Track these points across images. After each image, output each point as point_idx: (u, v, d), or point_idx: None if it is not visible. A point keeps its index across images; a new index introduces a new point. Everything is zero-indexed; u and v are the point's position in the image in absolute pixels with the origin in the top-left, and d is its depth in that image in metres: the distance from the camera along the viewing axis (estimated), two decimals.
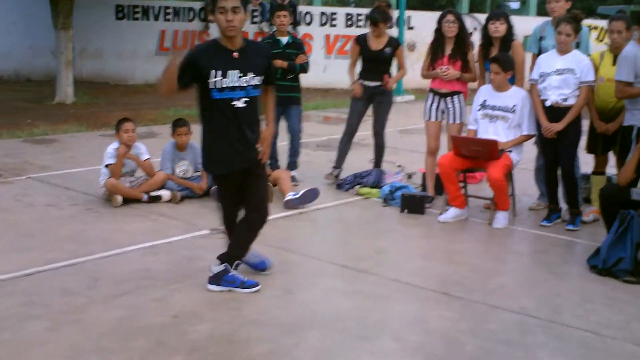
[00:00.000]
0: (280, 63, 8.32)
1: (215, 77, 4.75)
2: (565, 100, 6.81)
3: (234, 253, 5.15)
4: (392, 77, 8.37)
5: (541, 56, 7.14)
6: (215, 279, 5.09)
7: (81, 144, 10.87)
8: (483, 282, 5.56)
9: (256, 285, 5.13)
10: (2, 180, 8.29)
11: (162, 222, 6.85)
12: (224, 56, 4.80)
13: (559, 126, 6.80)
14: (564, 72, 6.79)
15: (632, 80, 6.40)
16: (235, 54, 4.83)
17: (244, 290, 5.07)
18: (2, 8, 19.90)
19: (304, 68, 8.50)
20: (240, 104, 4.84)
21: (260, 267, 5.49)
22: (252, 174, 5.05)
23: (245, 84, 4.84)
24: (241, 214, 5.19)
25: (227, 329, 4.54)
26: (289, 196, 7.49)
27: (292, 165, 8.72)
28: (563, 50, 6.83)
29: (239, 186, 5.07)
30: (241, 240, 5.17)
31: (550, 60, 6.89)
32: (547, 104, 6.86)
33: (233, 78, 4.79)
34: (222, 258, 5.14)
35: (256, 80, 4.90)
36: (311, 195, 7.60)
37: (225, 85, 4.78)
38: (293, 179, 8.42)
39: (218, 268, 5.10)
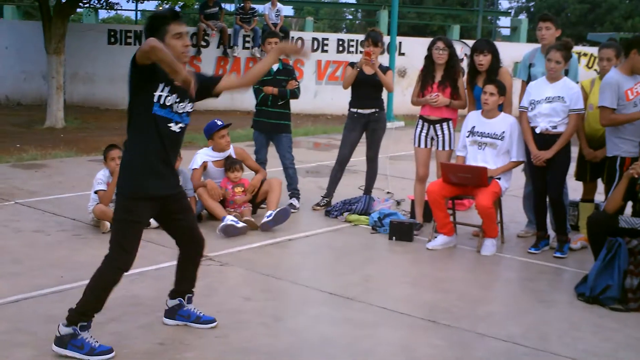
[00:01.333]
0: (270, 90, 8.38)
1: (161, 92, 4.43)
2: (554, 127, 6.84)
3: (184, 289, 5.01)
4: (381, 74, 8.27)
5: (531, 84, 7.17)
6: (170, 313, 5.03)
7: (70, 169, 10.86)
8: (471, 309, 5.56)
9: (213, 321, 4.98)
10: None
11: (151, 249, 6.82)
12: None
13: (548, 154, 6.83)
14: (553, 100, 6.82)
15: (614, 106, 6.44)
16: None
17: (199, 325, 4.96)
18: None
19: (295, 94, 8.53)
20: (176, 128, 4.54)
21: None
22: (179, 204, 4.75)
23: (181, 111, 4.55)
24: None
25: (214, 357, 4.52)
26: (265, 219, 7.58)
27: (294, 193, 8.72)
28: (553, 77, 6.87)
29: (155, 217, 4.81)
30: (191, 274, 4.99)
31: (540, 88, 6.93)
32: (537, 131, 6.89)
33: (174, 100, 4.50)
34: (172, 295, 5.03)
35: (189, 108, 4.62)
36: (283, 215, 7.63)
37: (168, 103, 4.47)
38: (292, 206, 8.45)
39: (172, 302, 5.01)
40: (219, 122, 8.14)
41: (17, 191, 9.06)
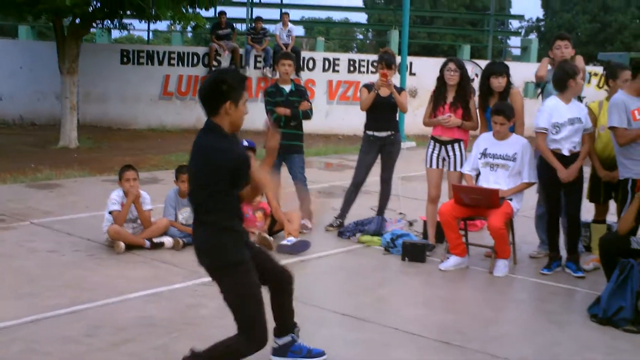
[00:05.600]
0: (283, 111, 8.41)
1: None
2: (574, 148, 6.90)
3: (289, 322, 4.81)
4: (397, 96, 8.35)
5: (548, 106, 7.06)
6: (281, 351, 4.81)
7: (84, 189, 10.92)
8: (483, 330, 5.57)
9: (322, 354, 4.83)
10: (5, 226, 8.32)
11: (164, 269, 6.87)
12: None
13: (574, 170, 6.90)
14: (574, 122, 6.88)
15: (624, 125, 6.46)
16: None
17: None
18: (9, 52, 20.21)
19: (307, 115, 8.57)
20: None
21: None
22: (250, 248, 4.48)
23: None
24: None
25: None
26: (283, 242, 7.63)
27: (307, 214, 8.68)
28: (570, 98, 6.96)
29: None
30: (288, 307, 4.75)
31: (559, 110, 6.94)
32: (566, 153, 6.91)
33: None
34: (279, 332, 4.80)
35: None
36: (302, 246, 7.67)
37: None
38: (304, 226, 8.47)
39: (283, 340, 4.80)
40: (244, 142, 8.13)
41: (32, 211, 9.11)
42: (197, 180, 4.21)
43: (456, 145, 7.80)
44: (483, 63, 16.63)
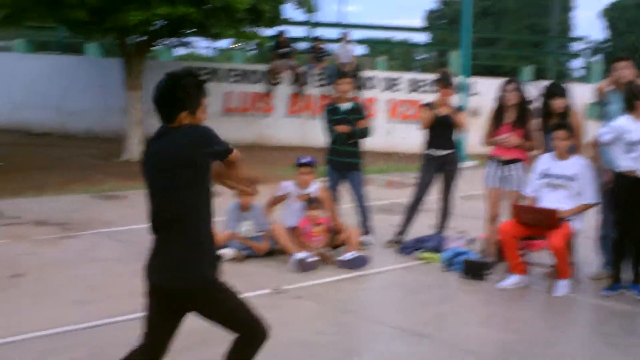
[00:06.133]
0: (342, 128, 8.50)
1: None
2: None
3: None
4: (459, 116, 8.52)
5: (618, 124, 6.91)
6: None
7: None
8: (541, 351, 5.52)
9: None
10: (70, 234, 8.53)
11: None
12: None
13: None
14: None
15: None
16: None
17: None
18: (80, 69, 20.90)
19: (364, 133, 8.63)
20: None
21: None
22: None
23: None
24: None
25: None
26: (345, 257, 7.70)
27: (367, 230, 8.79)
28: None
29: None
30: None
31: (632, 128, 6.80)
32: None
33: None
34: None
35: None
36: (361, 261, 7.71)
37: None
38: (364, 243, 8.51)
39: None
40: (303, 160, 8.23)
41: (96, 221, 9.33)
42: (167, 188, 3.77)
43: (515, 165, 7.76)
44: (543, 85, 16.47)
